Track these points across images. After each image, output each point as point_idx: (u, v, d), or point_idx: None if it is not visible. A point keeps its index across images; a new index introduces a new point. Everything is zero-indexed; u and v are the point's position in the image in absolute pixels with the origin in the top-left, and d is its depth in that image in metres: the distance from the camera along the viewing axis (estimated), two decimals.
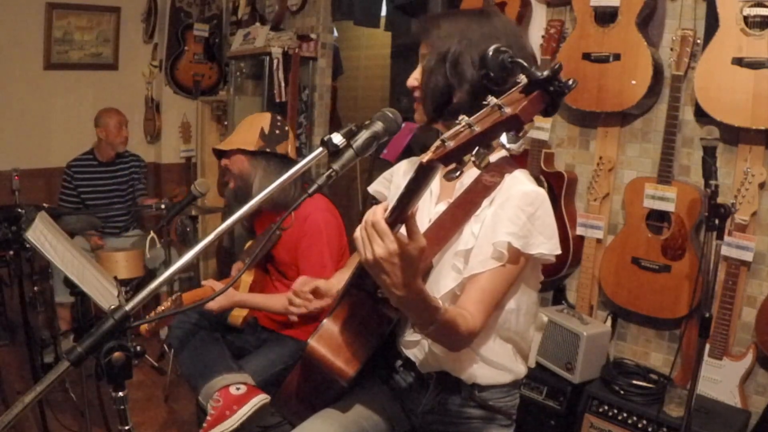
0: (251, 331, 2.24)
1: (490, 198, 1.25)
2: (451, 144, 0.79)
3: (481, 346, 1.29)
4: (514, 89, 0.80)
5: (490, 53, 0.86)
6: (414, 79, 1.32)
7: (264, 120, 2.18)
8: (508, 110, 0.75)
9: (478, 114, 0.80)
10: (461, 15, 1.29)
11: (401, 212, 0.94)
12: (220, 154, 2.23)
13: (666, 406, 2.07)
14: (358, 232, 0.99)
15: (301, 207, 2.12)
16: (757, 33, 2.00)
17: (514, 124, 0.75)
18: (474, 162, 0.78)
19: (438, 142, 0.82)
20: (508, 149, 0.76)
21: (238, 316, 2.22)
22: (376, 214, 0.95)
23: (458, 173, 0.82)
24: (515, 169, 1.28)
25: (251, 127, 2.16)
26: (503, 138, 0.76)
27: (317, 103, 3.87)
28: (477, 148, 0.78)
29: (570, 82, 0.77)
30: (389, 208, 0.96)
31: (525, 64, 0.80)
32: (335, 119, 4.41)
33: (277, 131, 2.16)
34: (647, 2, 2.24)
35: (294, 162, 2.15)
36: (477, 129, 0.77)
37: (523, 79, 0.79)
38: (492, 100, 0.79)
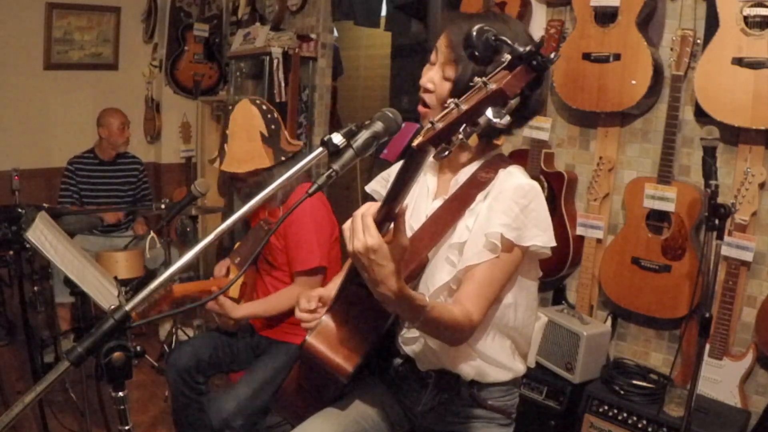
0: (244, 335, 2.21)
1: (484, 192, 1.26)
2: (440, 125, 0.82)
3: (479, 342, 1.30)
4: (499, 68, 0.83)
5: (474, 32, 0.86)
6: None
7: (256, 120, 2.09)
8: (492, 86, 0.78)
9: (466, 94, 0.83)
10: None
11: (393, 201, 0.95)
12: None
13: (666, 406, 2.07)
14: (347, 224, 1.00)
15: (290, 196, 2.13)
16: (757, 33, 2.00)
17: (499, 99, 0.78)
18: (461, 139, 0.80)
19: (428, 125, 0.84)
20: (494, 124, 0.78)
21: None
22: (368, 209, 0.97)
23: (447, 153, 0.83)
24: (510, 165, 1.30)
25: (249, 135, 2.07)
26: (489, 113, 0.78)
27: (317, 103, 3.88)
28: (464, 126, 0.80)
29: (552, 55, 0.81)
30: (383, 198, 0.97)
31: (508, 41, 0.83)
32: (335, 119, 4.41)
33: (273, 125, 2.10)
34: (647, 2, 2.24)
35: (298, 152, 2.14)
36: (463, 107, 0.80)
37: (507, 58, 0.82)
38: (478, 80, 0.81)
